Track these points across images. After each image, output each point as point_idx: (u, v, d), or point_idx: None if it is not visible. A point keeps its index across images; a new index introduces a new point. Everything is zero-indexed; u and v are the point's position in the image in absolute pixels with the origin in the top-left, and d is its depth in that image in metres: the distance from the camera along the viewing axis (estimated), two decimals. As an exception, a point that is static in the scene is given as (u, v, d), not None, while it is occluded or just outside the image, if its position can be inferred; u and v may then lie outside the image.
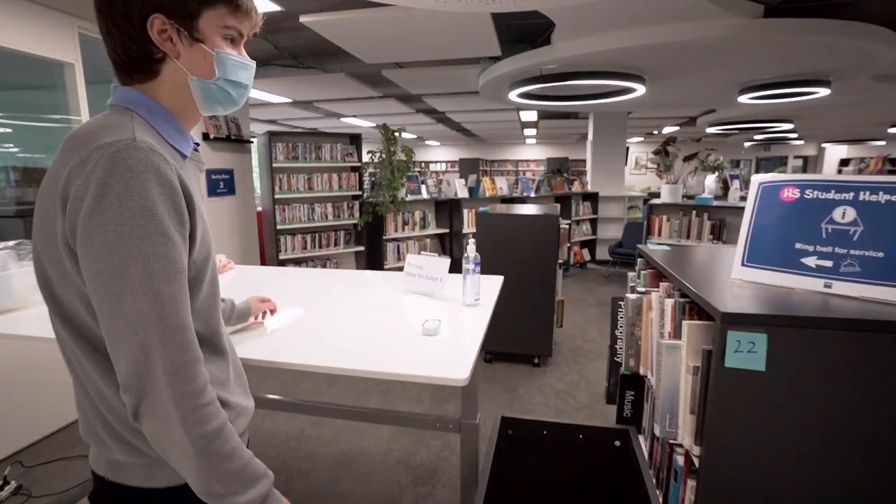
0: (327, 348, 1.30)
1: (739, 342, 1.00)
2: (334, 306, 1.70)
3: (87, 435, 0.81)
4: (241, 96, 0.90)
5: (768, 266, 1.24)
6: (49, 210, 0.67)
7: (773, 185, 1.28)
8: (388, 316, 1.57)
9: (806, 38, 3.20)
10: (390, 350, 1.28)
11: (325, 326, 1.47)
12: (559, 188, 6.63)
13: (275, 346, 1.33)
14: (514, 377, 3.59)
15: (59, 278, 0.70)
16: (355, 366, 1.18)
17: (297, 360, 1.21)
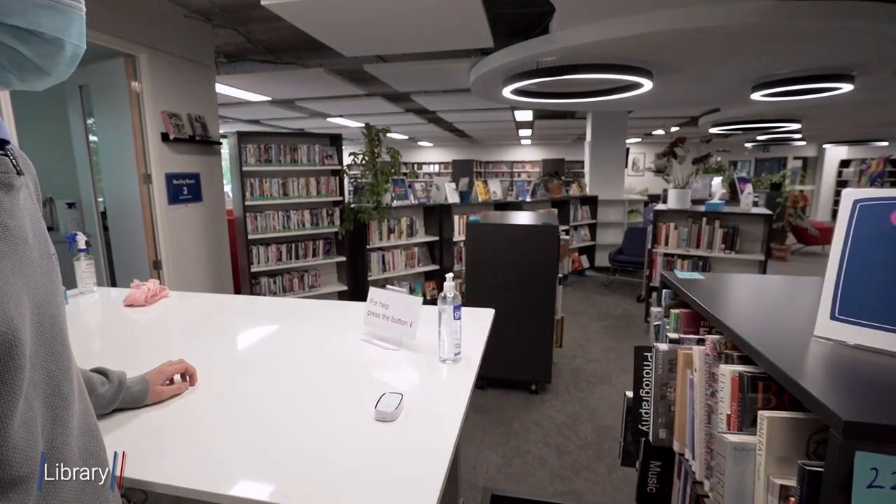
0: (225, 457, 0.89)
1: (878, 471, 0.61)
2: (267, 368, 1.29)
3: None
4: (50, 58, 0.51)
5: (873, 322, 0.85)
6: None
7: (878, 204, 0.89)
8: (335, 382, 1.16)
9: (834, 22, 2.82)
10: (317, 456, 0.86)
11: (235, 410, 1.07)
12: (556, 192, 6.26)
13: (151, 444, 0.92)
14: (509, 407, 3.19)
15: None
16: (247, 494, 0.76)
17: (173, 481, 0.79)
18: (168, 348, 1.46)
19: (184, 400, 1.04)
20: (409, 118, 9.56)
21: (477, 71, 4.41)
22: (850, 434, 0.61)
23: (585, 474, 2.53)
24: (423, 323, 1.26)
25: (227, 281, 4.40)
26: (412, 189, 5.36)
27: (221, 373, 1.19)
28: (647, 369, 1.24)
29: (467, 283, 3.33)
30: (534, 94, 4.81)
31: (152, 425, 0.95)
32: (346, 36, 3.64)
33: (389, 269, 5.09)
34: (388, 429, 0.90)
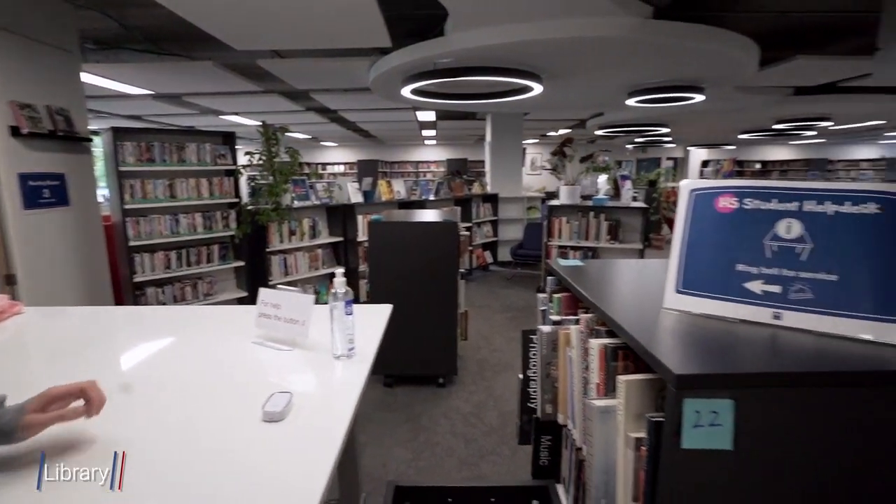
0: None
1: (700, 413, 0.73)
2: (149, 381, 1.21)
3: None
4: None
5: (708, 293, 1.01)
6: None
7: (707, 192, 1.05)
8: (223, 388, 1.12)
9: (688, 42, 3.25)
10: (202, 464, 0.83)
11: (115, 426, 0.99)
12: (459, 190, 6.44)
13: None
14: (416, 403, 3.24)
15: None
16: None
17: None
18: (27, 373, 1.30)
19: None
20: (311, 117, 9.26)
21: (376, 70, 4.41)
22: (681, 385, 0.72)
23: (491, 458, 2.66)
24: (317, 321, 1.26)
25: (105, 293, 3.96)
26: (314, 189, 5.22)
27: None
28: (534, 351, 1.34)
29: (371, 282, 3.32)
30: (434, 94, 4.91)
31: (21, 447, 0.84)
32: (234, 28, 3.45)
33: (292, 272, 4.91)
34: (276, 429, 0.89)
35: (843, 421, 0.77)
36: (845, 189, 0.92)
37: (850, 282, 0.89)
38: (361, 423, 2.96)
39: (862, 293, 0.88)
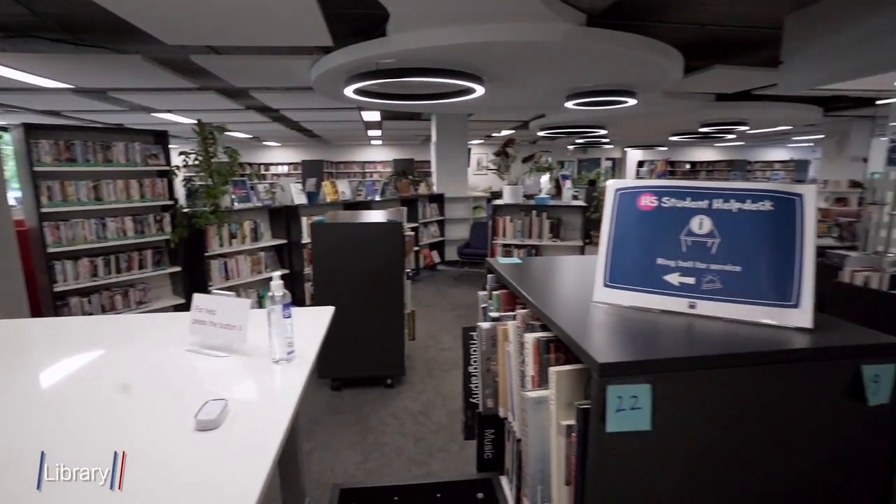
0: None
1: (622, 398, 0.78)
2: (74, 397, 1.14)
3: None
4: None
5: (632, 286, 1.08)
6: None
7: (630, 191, 1.13)
8: (154, 399, 1.07)
9: (618, 49, 3.42)
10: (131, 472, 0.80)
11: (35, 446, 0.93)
12: (405, 191, 6.44)
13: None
14: (365, 405, 3.22)
15: None
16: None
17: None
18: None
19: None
20: (251, 116, 8.93)
21: (318, 69, 4.33)
22: (604, 373, 0.77)
23: (440, 455, 2.69)
24: (256, 326, 1.23)
25: (19, 305, 3.65)
26: (255, 191, 5.05)
27: (13, 416, 1.01)
28: (474, 347, 1.38)
29: (315, 284, 3.26)
30: (377, 94, 4.88)
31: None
32: (164, 21, 3.28)
33: (233, 277, 4.73)
34: (210, 437, 0.87)
35: (749, 397, 0.85)
36: (746, 188, 1.02)
37: (751, 272, 0.98)
38: (309, 428, 2.91)
39: (761, 282, 0.97)
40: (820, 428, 0.88)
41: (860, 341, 0.87)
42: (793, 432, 0.88)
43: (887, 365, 0.86)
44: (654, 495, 0.83)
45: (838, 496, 0.92)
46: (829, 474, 0.90)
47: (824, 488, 0.91)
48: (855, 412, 0.87)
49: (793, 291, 0.94)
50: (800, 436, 0.88)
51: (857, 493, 0.93)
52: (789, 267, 0.96)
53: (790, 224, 0.97)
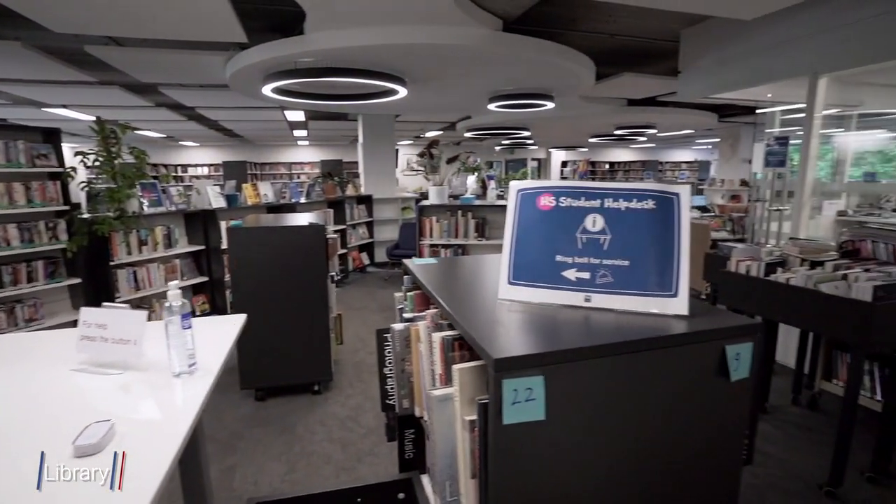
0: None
1: (517, 391, 0.82)
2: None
3: None
4: None
5: (534, 283, 1.13)
6: None
7: (530, 192, 1.18)
8: (29, 422, 0.97)
9: (533, 54, 3.56)
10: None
11: None
12: (331, 192, 6.30)
13: None
14: (291, 413, 3.12)
15: None
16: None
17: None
18: None
19: None
20: (163, 114, 8.33)
21: (233, 66, 4.13)
22: (498, 368, 0.81)
23: (369, 459, 2.66)
24: (155, 339, 1.15)
25: None
26: (167, 194, 4.72)
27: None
28: (389, 348, 1.38)
29: (234, 291, 3.11)
30: (299, 94, 4.74)
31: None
32: (45, 5, 2.98)
33: (144, 287, 4.39)
34: (92, 462, 0.80)
35: (635, 381, 0.92)
36: (632, 188, 1.10)
37: (638, 266, 1.06)
38: (230, 443, 2.77)
39: (647, 274, 1.05)
40: (697, 403, 0.97)
41: (724, 324, 0.97)
42: (674, 409, 0.96)
43: (745, 344, 0.97)
44: (553, 480, 0.88)
45: (711, 461, 1.02)
46: (705, 443, 1.00)
47: (700, 456, 1.00)
48: (724, 387, 0.97)
49: (672, 282, 1.03)
50: (680, 412, 0.96)
51: (727, 458, 1.04)
52: (669, 260, 1.05)
53: (669, 221, 1.06)
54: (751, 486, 2.34)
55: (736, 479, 1.06)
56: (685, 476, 1.00)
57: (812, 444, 2.68)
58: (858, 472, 2.39)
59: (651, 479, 0.96)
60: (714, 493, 1.04)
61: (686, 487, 1.01)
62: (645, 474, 0.96)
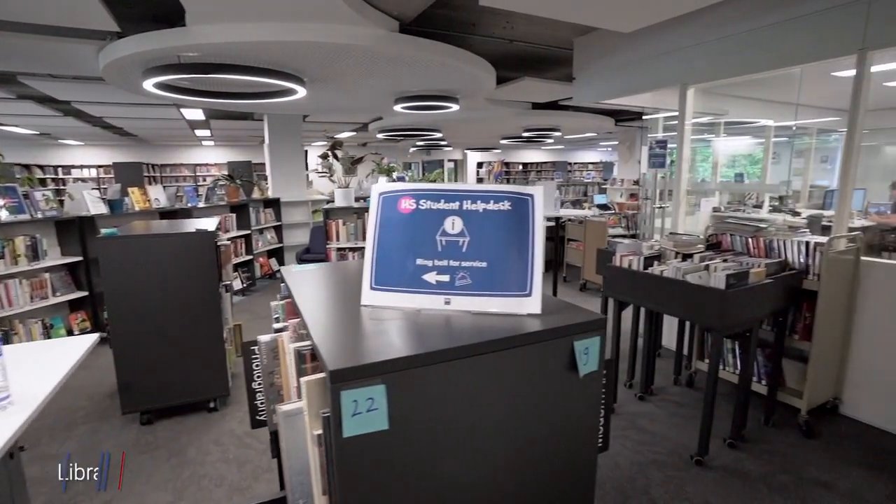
0: None
1: (357, 402, 0.79)
2: None
3: None
4: None
5: (395, 287, 1.11)
6: None
7: (391, 195, 1.16)
8: None
9: (433, 57, 3.58)
10: None
11: None
12: (234, 196, 5.94)
13: None
14: (182, 435, 2.88)
15: None
16: None
17: None
18: None
19: None
20: (30, 108, 7.38)
21: (106, 57, 3.74)
22: (335, 379, 0.77)
23: (267, 476, 2.52)
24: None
25: None
26: (31, 199, 4.18)
27: None
28: (257, 361, 1.30)
29: (109, 308, 2.82)
30: (191, 90, 4.40)
31: None
32: None
33: (2, 307, 3.85)
34: None
35: (492, 380, 0.93)
36: (490, 190, 1.12)
37: (495, 267, 1.08)
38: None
39: (504, 275, 1.07)
40: (551, 397, 1.01)
41: (573, 320, 1.01)
42: (528, 405, 0.98)
43: (593, 338, 1.02)
44: (405, 490, 0.86)
45: (568, 452, 1.06)
46: (561, 435, 1.04)
47: (558, 447, 1.04)
48: (576, 380, 1.01)
49: (527, 281, 1.07)
50: (535, 407, 0.99)
51: (583, 447, 1.08)
52: (524, 260, 1.08)
53: (524, 222, 1.09)
54: (636, 464, 2.52)
55: (592, 466, 1.12)
56: (543, 467, 1.03)
57: (688, 420, 2.94)
58: (721, 440, 2.66)
59: (509, 474, 0.98)
60: (571, 480, 1.09)
61: (544, 477, 1.04)
62: (503, 470, 0.97)
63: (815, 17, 2.78)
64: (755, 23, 3.12)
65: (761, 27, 3.09)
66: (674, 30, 3.64)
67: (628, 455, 2.60)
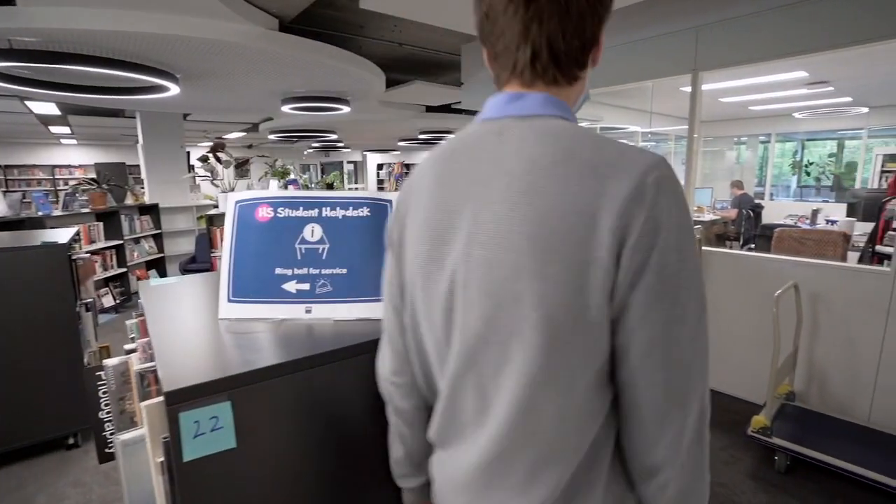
0: None
1: (199, 422, 0.76)
2: None
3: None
4: None
5: (254, 298, 1.08)
6: (570, 236, 0.55)
7: (248, 203, 1.12)
8: None
9: (315, 57, 3.49)
10: None
11: None
12: (100, 202, 5.30)
13: None
14: (31, 481, 2.52)
15: (560, 320, 0.55)
16: None
17: None
18: None
19: None
20: None
21: (-86, 40, 3.14)
22: (171, 401, 0.73)
23: (139, 513, 2.29)
24: None
25: None
26: None
27: None
28: (104, 389, 1.19)
29: (-73, 338, 2.38)
30: (33, 81, 3.85)
31: None
32: None
33: None
34: None
35: (352, 386, 0.93)
36: (349, 197, 1.13)
37: (355, 273, 1.09)
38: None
39: (362, 281, 1.09)
40: (413, 399, 1.04)
41: (431, 322, 1.05)
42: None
43: (451, 337, 1.07)
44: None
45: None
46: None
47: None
48: (434, 380, 1.05)
49: (386, 286, 1.09)
50: (396, 410, 1.02)
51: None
52: (383, 265, 1.10)
53: (384, 227, 1.11)
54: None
55: (460, 458, 1.17)
56: (409, 467, 1.06)
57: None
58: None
59: (368, 479, 0.99)
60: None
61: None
62: (362, 475, 0.98)
63: (656, 40, 3.18)
64: (610, 42, 3.47)
65: (616, 45, 3.45)
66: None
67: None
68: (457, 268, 0.62)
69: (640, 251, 0.54)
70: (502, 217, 0.58)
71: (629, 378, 0.58)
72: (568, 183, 0.56)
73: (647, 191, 0.55)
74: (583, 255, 0.55)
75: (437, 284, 0.65)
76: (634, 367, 0.57)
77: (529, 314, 0.56)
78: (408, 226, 0.71)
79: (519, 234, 0.57)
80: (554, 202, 0.56)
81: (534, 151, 0.59)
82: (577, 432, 0.60)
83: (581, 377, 0.58)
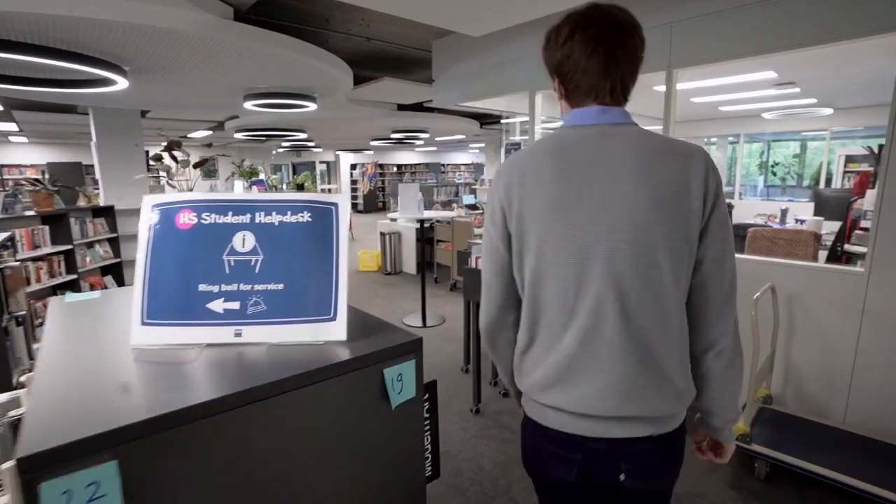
0: None
1: (71, 493, 0.59)
2: None
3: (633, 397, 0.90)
4: None
5: (173, 320, 0.90)
6: (676, 197, 0.87)
7: (168, 207, 0.95)
8: None
9: (274, 49, 3.26)
10: None
11: None
12: (45, 205, 4.93)
13: None
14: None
15: (676, 248, 0.88)
16: None
17: None
18: None
19: None
20: None
21: None
22: (31, 468, 0.56)
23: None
24: None
25: None
26: None
27: None
28: (-8, 430, 0.99)
29: None
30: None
31: None
32: None
33: None
34: None
35: (295, 423, 0.78)
36: (286, 199, 0.97)
37: (293, 288, 0.93)
38: None
39: (304, 298, 0.93)
40: (368, 432, 0.89)
41: (383, 345, 0.90)
42: (342, 445, 0.85)
43: (407, 363, 0.92)
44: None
45: (394, 487, 0.96)
46: (383, 470, 0.93)
47: (382, 482, 0.93)
48: (391, 409, 0.91)
49: (330, 304, 0.93)
50: (351, 445, 0.86)
51: (411, 477, 0.99)
52: (328, 278, 0.94)
53: (328, 235, 0.96)
54: (498, 463, 2.54)
55: (422, 498, 1.03)
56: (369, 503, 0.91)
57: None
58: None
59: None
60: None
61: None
62: (305, 530, 0.83)
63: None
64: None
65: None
66: (523, 37, 3.80)
67: (492, 455, 2.62)
68: (592, 229, 0.88)
69: (711, 201, 0.89)
70: (628, 191, 0.87)
71: (702, 280, 0.92)
72: (667, 165, 0.89)
73: (711, 167, 0.90)
74: (685, 207, 0.88)
75: (567, 241, 0.89)
76: (707, 272, 0.92)
77: (662, 245, 0.87)
78: (529, 199, 0.92)
79: (645, 200, 0.87)
80: (661, 177, 0.88)
81: (638, 147, 0.90)
82: (681, 326, 0.93)
83: (685, 284, 0.92)
